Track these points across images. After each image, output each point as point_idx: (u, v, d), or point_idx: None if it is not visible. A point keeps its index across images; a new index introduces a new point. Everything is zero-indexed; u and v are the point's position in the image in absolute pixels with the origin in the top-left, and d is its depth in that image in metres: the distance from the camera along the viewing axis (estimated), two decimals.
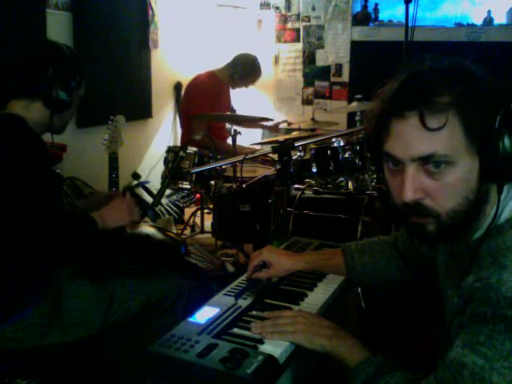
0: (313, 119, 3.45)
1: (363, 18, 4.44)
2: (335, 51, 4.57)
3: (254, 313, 1.32)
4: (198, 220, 3.02)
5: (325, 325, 1.20)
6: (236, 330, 1.22)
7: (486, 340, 0.89)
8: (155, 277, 1.92)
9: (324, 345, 1.15)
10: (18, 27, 2.77)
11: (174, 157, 2.68)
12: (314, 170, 2.60)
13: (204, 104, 3.61)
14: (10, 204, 1.57)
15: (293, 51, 4.74)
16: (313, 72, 4.70)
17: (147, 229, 2.29)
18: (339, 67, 4.58)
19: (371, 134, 1.03)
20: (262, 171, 2.63)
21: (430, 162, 0.94)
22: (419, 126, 0.93)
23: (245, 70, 3.85)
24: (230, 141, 2.92)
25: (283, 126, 4.07)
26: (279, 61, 4.80)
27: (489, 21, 4.12)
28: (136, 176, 2.44)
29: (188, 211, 3.29)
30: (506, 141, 0.92)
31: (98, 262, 1.82)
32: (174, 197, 3.44)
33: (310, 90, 4.73)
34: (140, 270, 1.91)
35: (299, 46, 4.71)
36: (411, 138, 0.94)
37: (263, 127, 4.33)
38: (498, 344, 0.88)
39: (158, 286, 1.88)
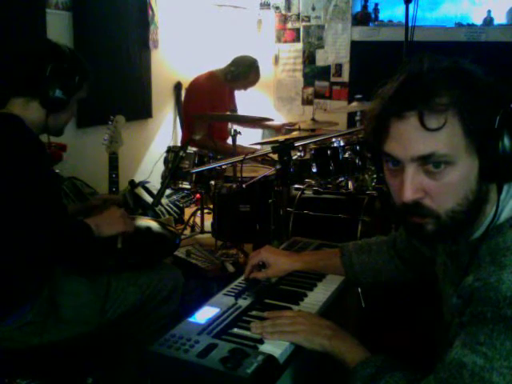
0: (313, 119, 3.45)
1: (363, 18, 4.43)
2: (335, 51, 4.57)
3: (253, 313, 1.32)
4: (198, 220, 3.02)
5: (325, 325, 1.20)
6: (236, 330, 1.22)
7: (486, 340, 0.89)
8: (150, 269, 1.93)
9: (324, 345, 1.15)
10: (18, 27, 2.77)
11: (173, 157, 2.68)
12: (314, 169, 2.60)
13: (204, 104, 3.61)
14: (8, 203, 1.57)
15: (293, 51, 4.74)
16: (313, 72, 4.70)
17: (146, 221, 2.31)
18: (339, 67, 4.58)
19: (371, 134, 1.03)
20: (262, 171, 2.63)
21: (429, 162, 0.94)
22: (419, 126, 0.93)
23: (239, 70, 3.85)
24: (230, 141, 2.92)
25: (287, 127, 4.05)
26: (279, 61, 4.80)
27: (489, 21, 4.11)
28: (133, 184, 2.45)
29: (188, 211, 3.29)
30: (506, 141, 0.92)
31: (92, 259, 1.83)
32: (174, 197, 3.43)
33: (310, 90, 4.73)
34: (134, 263, 1.92)
35: (299, 46, 4.70)
36: (411, 138, 0.94)
37: (265, 127, 4.32)
38: (498, 344, 0.88)
39: (152, 278, 1.88)
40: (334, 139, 2.62)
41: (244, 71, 3.87)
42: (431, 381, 0.96)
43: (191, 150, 2.73)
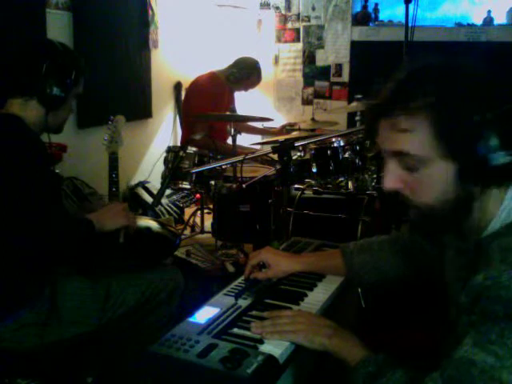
0: (313, 119, 3.45)
1: (363, 18, 4.43)
2: (335, 51, 4.57)
3: (253, 313, 1.32)
4: (198, 220, 3.02)
5: (325, 324, 1.20)
6: (236, 330, 1.22)
7: (496, 338, 0.89)
8: (150, 269, 1.93)
9: (325, 344, 1.15)
10: (18, 27, 2.77)
11: (173, 157, 2.69)
12: (314, 170, 2.60)
13: (205, 104, 3.61)
14: (8, 203, 1.57)
15: (293, 51, 4.74)
16: (313, 72, 4.70)
17: (146, 221, 2.31)
18: (339, 67, 4.58)
19: (370, 129, 1.10)
20: (262, 171, 2.63)
21: (404, 159, 1.00)
22: (394, 126, 1.00)
23: (241, 72, 3.85)
24: (230, 141, 2.92)
25: (288, 127, 4.05)
26: (279, 61, 4.80)
27: (489, 21, 4.11)
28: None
29: (188, 211, 3.29)
30: (480, 147, 0.93)
31: (93, 259, 1.83)
32: (174, 197, 3.44)
33: (310, 89, 4.73)
34: (134, 264, 1.92)
35: (299, 45, 4.71)
36: (387, 135, 1.02)
37: (264, 133, 4.32)
38: (509, 342, 0.88)
39: (153, 278, 1.89)
40: (333, 139, 2.62)
41: (246, 73, 3.88)
42: (437, 378, 0.95)
43: (191, 150, 2.73)
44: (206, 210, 3.00)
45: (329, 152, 2.60)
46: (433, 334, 1.44)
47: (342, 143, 2.62)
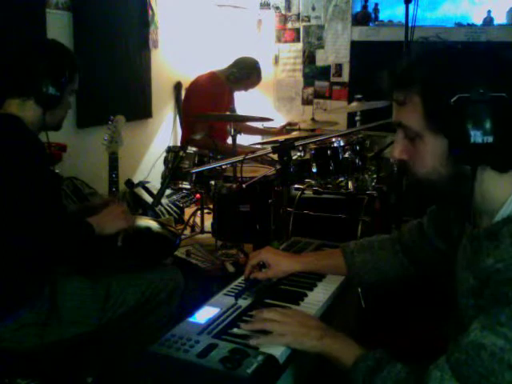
0: (313, 119, 3.45)
1: (363, 18, 4.43)
2: (335, 51, 4.56)
3: (253, 313, 1.31)
4: (198, 220, 3.02)
5: (313, 325, 1.19)
6: (236, 330, 1.22)
7: (507, 320, 0.89)
8: (150, 269, 1.93)
9: (315, 346, 1.14)
10: (18, 27, 2.77)
11: (173, 157, 2.69)
12: (314, 170, 2.60)
13: (205, 104, 3.61)
14: (8, 204, 1.57)
15: (293, 51, 4.74)
16: (313, 72, 4.70)
17: (146, 221, 2.31)
18: (339, 67, 4.58)
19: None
20: (262, 171, 2.63)
21: (405, 129, 1.07)
22: (397, 99, 1.08)
23: (241, 72, 3.86)
24: (230, 141, 2.92)
25: (288, 127, 4.05)
26: (279, 61, 4.80)
27: (489, 21, 4.11)
28: (129, 184, 2.43)
29: (188, 211, 3.29)
30: (464, 126, 0.95)
31: (93, 259, 1.83)
32: (174, 197, 3.43)
33: (310, 89, 4.73)
34: (134, 264, 1.92)
35: (299, 45, 4.70)
36: (393, 107, 1.11)
37: (264, 133, 4.32)
38: None
39: (153, 278, 1.89)
40: (333, 139, 2.62)
41: (246, 73, 3.88)
42: (443, 363, 0.95)
43: (191, 150, 2.73)
44: (206, 210, 3.00)
45: (329, 152, 2.60)
46: (433, 333, 1.44)
47: (341, 143, 2.62)
